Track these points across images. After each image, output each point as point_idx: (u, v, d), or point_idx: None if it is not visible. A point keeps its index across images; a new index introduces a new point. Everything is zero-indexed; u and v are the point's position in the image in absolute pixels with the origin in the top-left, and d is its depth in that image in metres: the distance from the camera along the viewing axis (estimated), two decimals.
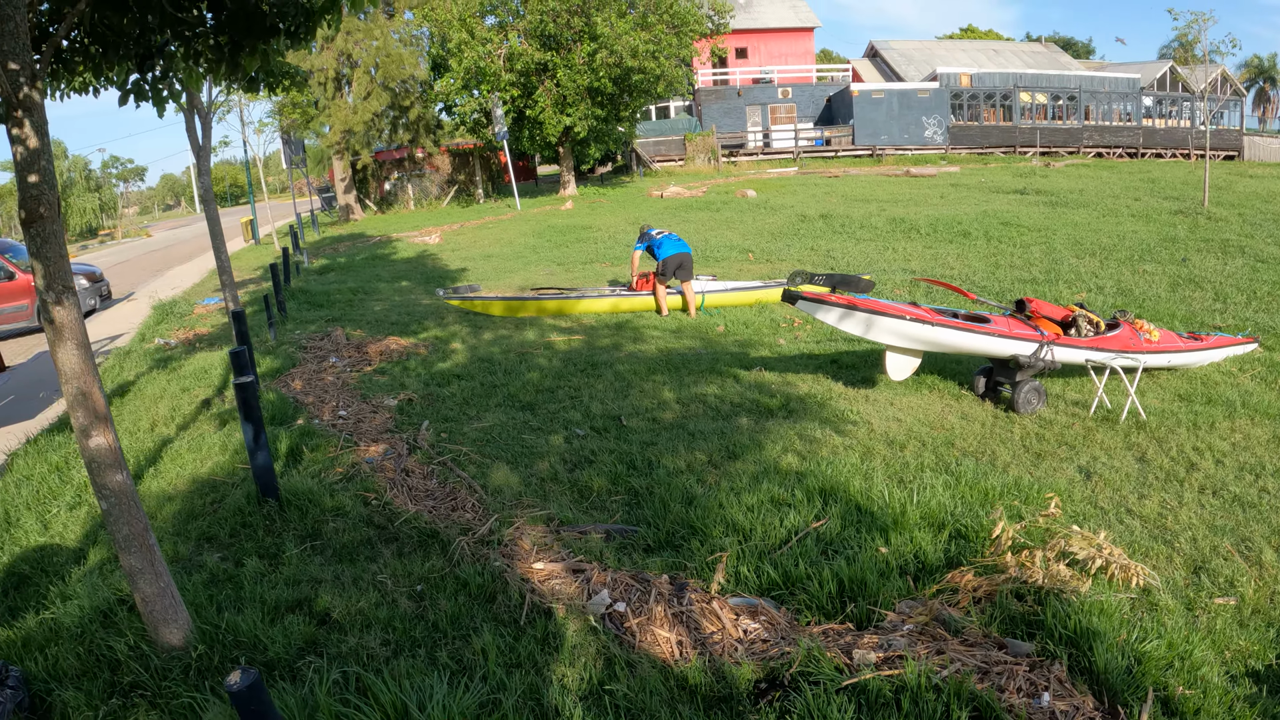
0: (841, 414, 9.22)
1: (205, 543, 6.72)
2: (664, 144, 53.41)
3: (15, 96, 4.30)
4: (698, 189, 38.36)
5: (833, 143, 54.10)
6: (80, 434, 4.62)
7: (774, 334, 13.38)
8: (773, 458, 7.78)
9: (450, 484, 7.44)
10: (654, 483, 7.19)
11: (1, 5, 4.19)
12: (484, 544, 6.09)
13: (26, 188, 4.40)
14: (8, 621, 5.92)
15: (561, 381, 10.81)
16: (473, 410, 9.86)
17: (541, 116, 39.85)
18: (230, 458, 8.58)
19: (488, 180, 49.73)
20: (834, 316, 9.50)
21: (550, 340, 13.34)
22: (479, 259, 25.23)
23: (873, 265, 18.57)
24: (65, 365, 4.53)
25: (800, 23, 65.71)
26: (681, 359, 11.60)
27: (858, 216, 26.19)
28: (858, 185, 37.14)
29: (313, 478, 7.55)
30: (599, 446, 8.29)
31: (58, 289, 4.47)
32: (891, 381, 10.07)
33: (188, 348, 15.39)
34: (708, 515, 6.31)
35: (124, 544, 4.77)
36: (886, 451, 8.14)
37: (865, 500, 6.45)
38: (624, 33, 37.57)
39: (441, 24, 41.50)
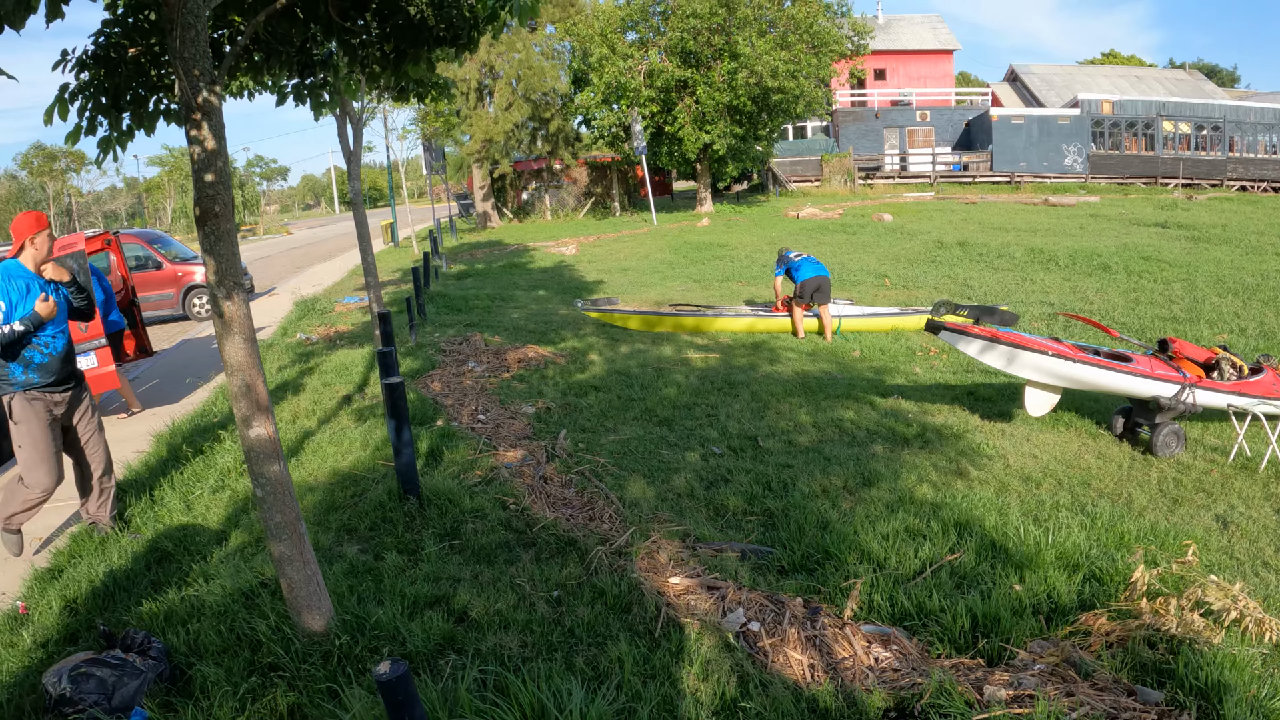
0: (977, 447, 9.09)
1: (345, 534, 6.90)
2: (800, 164, 53.27)
3: (195, 100, 4.45)
4: (834, 211, 38.14)
5: (970, 168, 53.26)
6: (242, 423, 4.76)
7: (910, 362, 13.24)
8: (908, 487, 7.71)
9: (588, 494, 7.52)
10: (789, 505, 7.17)
11: (184, 15, 4.35)
12: (620, 555, 6.14)
13: (203, 187, 4.55)
14: (151, 595, 6.14)
15: (698, 399, 10.83)
16: (610, 422, 9.94)
17: (681, 133, 40.04)
18: (371, 453, 8.78)
19: (624, 194, 50.03)
20: (976, 348, 9.39)
21: (687, 357, 13.39)
22: (615, 272, 25.42)
23: (1011, 296, 18.26)
24: (232, 357, 4.68)
25: (940, 45, 64.99)
26: (818, 382, 11.55)
27: (995, 245, 25.78)
28: (995, 212, 36.57)
29: (452, 479, 7.69)
30: (735, 466, 8.29)
31: (229, 285, 4.62)
32: (1029, 417, 9.90)
33: (328, 344, 15.77)
34: (843, 541, 6.27)
35: (275, 531, 4.91)
36: (1022, 488, 8.01)
37: (1000, 536, 6.35)
38: (764, 52, 37.60)
39: (583, 38, 42.03)
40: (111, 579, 6.57)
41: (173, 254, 24.23)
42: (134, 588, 6.43)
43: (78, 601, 6.30)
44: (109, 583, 6.53)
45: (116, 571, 6.70)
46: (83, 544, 7.50)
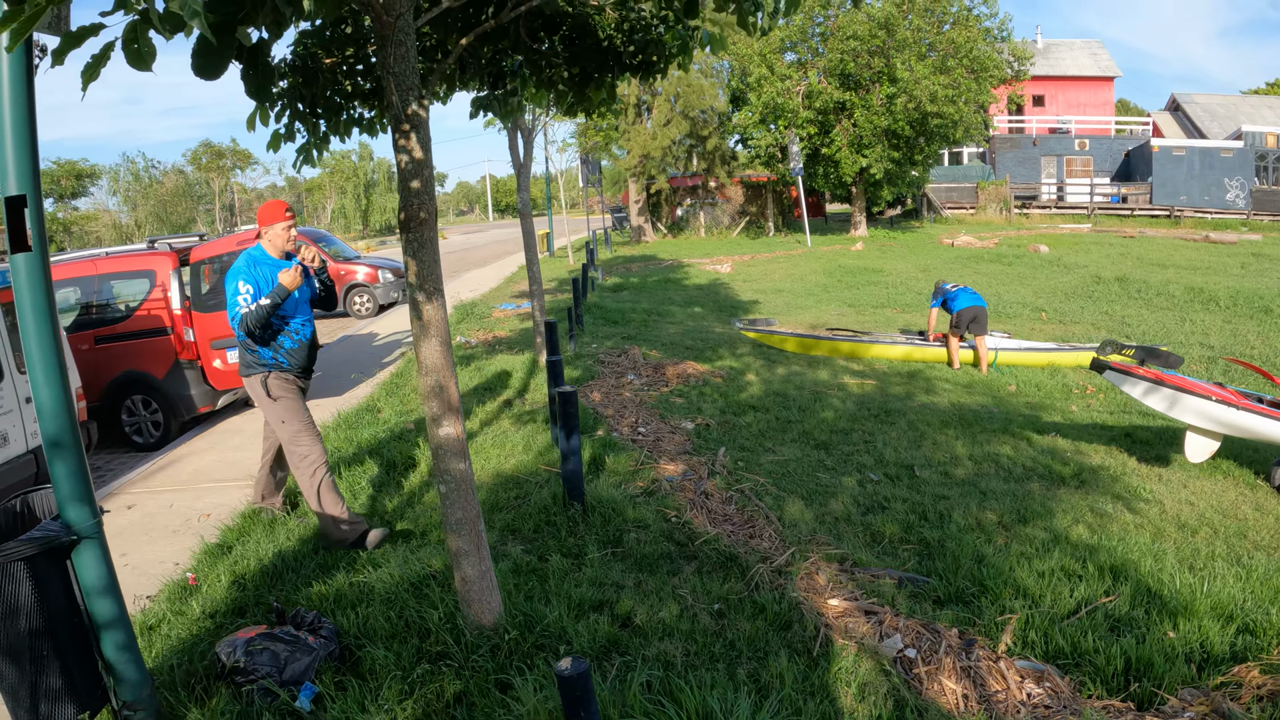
0: (1134, 490, 8.95)
1: (509, 534, 7.16)
2: (956, 190, 52.62)
3: (405, 112, 4.69)
4: (989, 240, 37.62)
5: (1129, 200, 51.71)
6: (432, 422, 4.98)
7: (1066, 399, 13.06)
8: (1063, 527, 7.66)
9: (747, 511, 7.64)
10: (945, 536, 7.18)
11: (396, 32, 4.59)
12: (780, 574, 6.24)
13: (409, 194, 4.78)
14: (320, 578, 6.47)
15: (855, 424, 10.88)
16: (768, 442, 10.05)
17: (838, 155, 39.94)
18: (534, 458, 9.03)
19: (778, 214, 50.00)
20: (1140, 390, 9.29)
21: (843, 382, 13.44)
22: (770, 292, 25.51)
23: (1169, 336, 17.81)
24: (427, 359, 4.90)
25: (1100, 71, 63.37)
26: (974, 415, 11.49)
27: (1154, 282, 25.13)
28: (1154, 247, 35.58)
29: (615, 488, 7.91)
30: (891, 493, 8.33)
31: (429, 288, 4.84)
32: (1186, 462, 9.71)
33: (487, 348, 16.17)
34: (998, 576, 6.28)
35: (455, 526, 5.12)
36: (1177, 535, 7.87)
37: (1155, 583, 6.29)
38: (923, 76, 37.36)
39: (742, 58, 42.23)
40: (279, 559, 6.95)
41: (336, 253, 25.15)
42: (301, 569, 6.79)
43: (246, 577, 6.67)
44: (277, 562, 6.90)
45: (285, 552, 7.08)
46: (252, 524, 7.92)
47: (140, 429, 12.57)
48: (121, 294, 12.79)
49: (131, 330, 12.46)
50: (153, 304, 12.39)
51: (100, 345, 12.44)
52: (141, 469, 10.91)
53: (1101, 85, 63.58)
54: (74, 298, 12.71)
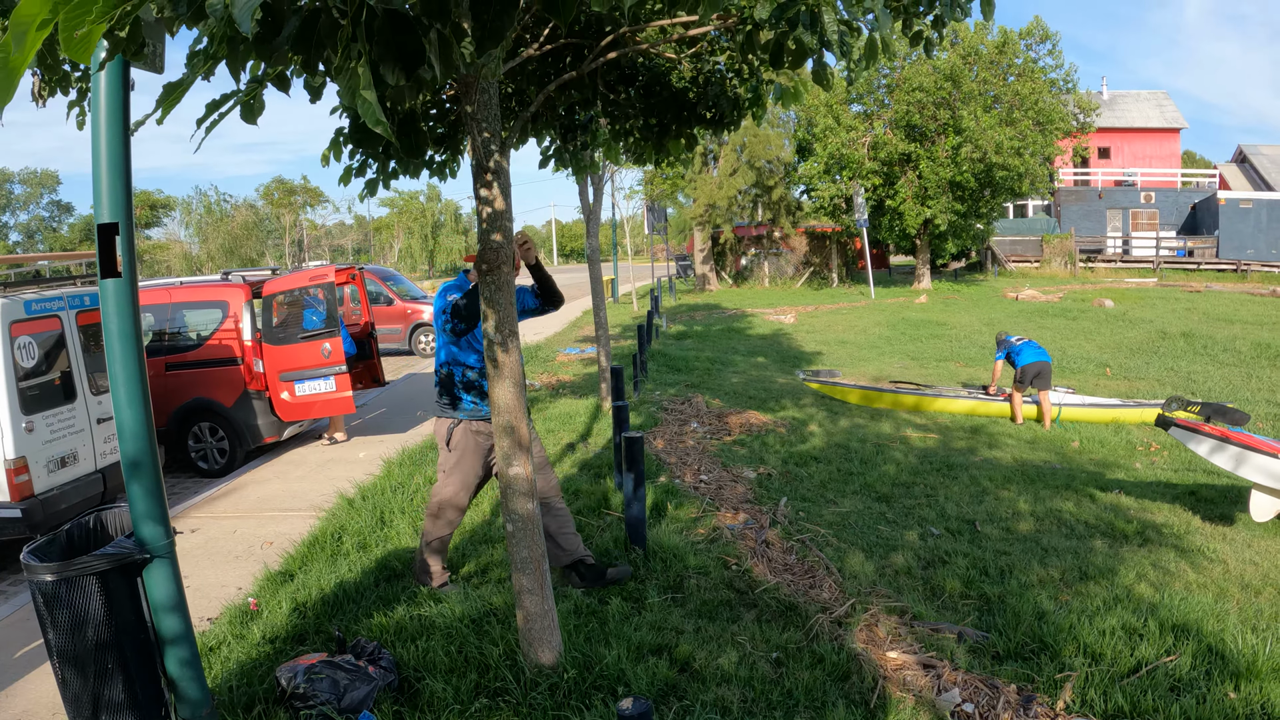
0: (1198, 549, 8.85)
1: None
2: (1020, 243, 52.33)
3: (487, 163, 4.82)
4: (1054, 294, 37.33)
5: (1195, 254, 50.97)
6: (503, 460, 5.10)
7: (1130, 456, 12.94)
8: (1125, 585, 7.61)
9: (808, 562, 7.68)
10: (1006, 592, 7.17)
11: (480, 81, 4.72)
12: (839, 625, 6.28)
13: (489, 243, 4.92)
14: (381, 609, 6.60)
15: (917, 478, 10.87)
16: (829, 493, 10.09)
17: (902, 207, 39.93)
18: (596, 503, 9.14)
19: (842, 265, 49.97)
20: (1205, 448, 9.21)
21: (906, 435, 13.43)
22: (833, 344, 25.52)
23: (1236, 394, 17.57)
24: (500, 399, 5.02)
25: (1166, 123, 62.85)
26: (1037, 471, 11.43)
27: (1221, 338, 24.82)
28: (1221, 302, 35.13)
29: (676, 534, 7.99)
30: (952, 548, 8.32)
31: (504, 333, 4.97)
32: (1251, 521, 9.58)
33: (551, 392, 16.32)
34: (1059, 633, 6.26)
35: (520, 565, 5.22)
36: (1240, 595, 7.76)
37: (1217, 643, 6.23)
38: (989, 127, 37.30)
39: (809, 109, 42.39)
40: (341, 589, 7.09)
41: (403, 291, 25.51)
42: (362, 600, 6.92)
43: (307, 605, 6.83)
44: (338, 592, 7.04)
45: (346, 582, 7.22)
46: (315, 552, 8.12)
47: (206, 455, 12.86)
48: (194, 323, 13.17)
49: (202, 359, 12.81)
50: (224, 334, 12.72)
51: (171, 372, 12.79)
52: (206, 494, 11.21)
53: (1167, 137, 63.11)
54: (148, 324, 13.05)
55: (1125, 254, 52.96)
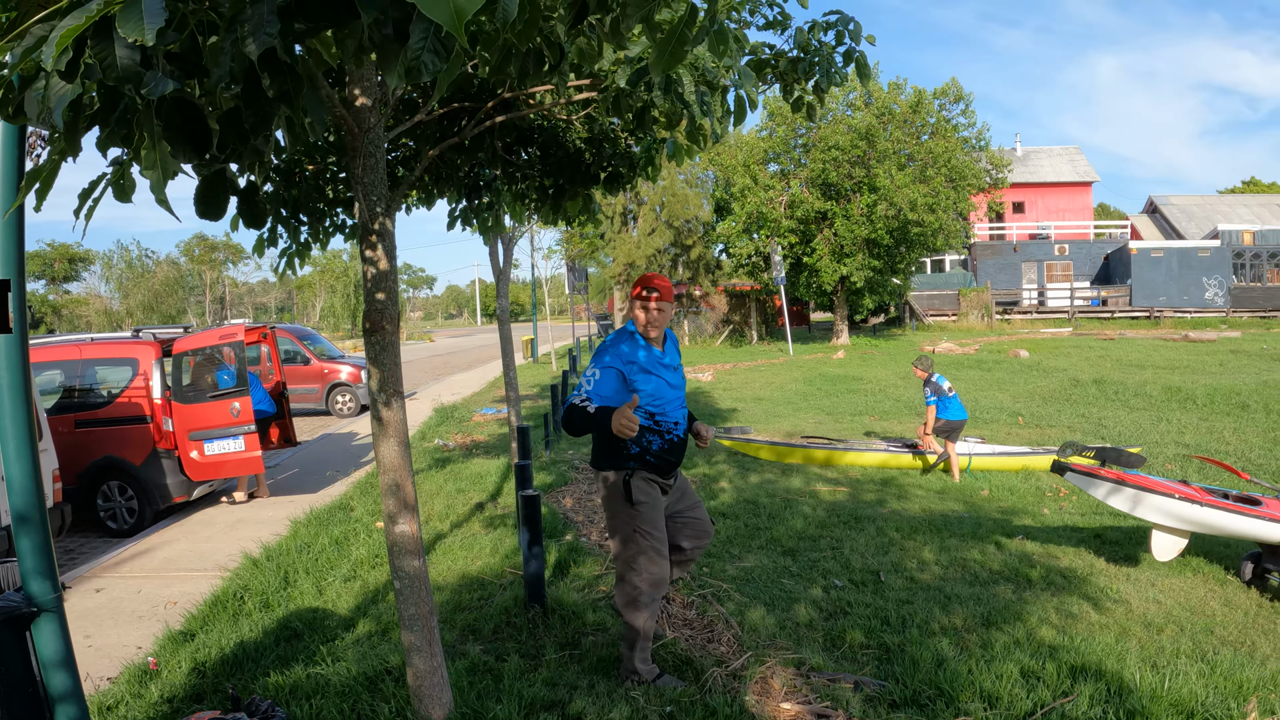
0: (1101, 590, 8.98)
1: (469, 634, 7.27)
2: (937, 298, 53.20)
3: (371, 224, 4.86)
4: (970, 346, 37.91)
5: (1109, 303, 52.51)
6: (388, 519, 5.10)
7: (1038, 502, 13.13)
8: (1027, 629, 7.70)
9: (708, 617, 7.69)
10: (906, 640, 7.22)
11: (366, 144, 4.77)
12: (735, 678, 6.30)
13: (374, 303, 4.95)
14: (278, 668, 6.61)
15: (824, 531, 10.92)
16: (735, 549, 10.10)
17: (819, 264, 40.41)
18: (500, 560, 9.16)
19: (761, 323, 50.40)
20: (1103, 491, 9.38)
21: (816, 489, 13.48)
22: (750, 400, 25.67)
23: (1145, 437, 17.92)
24: (385, 458, 5.04)
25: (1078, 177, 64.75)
26: (944, 520, 11.54)
27: (1132, 383, 25.34)
28: (1133, 349, 35.93)
29: (577, 591, 8.01)
30: (855, 599, 8.36)
31: (389, 391, 4.99)
32: (1155, 561, 9.75)
33: (465, 452, 16.31)
34: (956, 679, 6.32)
35: (409, 622, 5.21)
36: (1143, 634, 7.89)
37: (1115, 682, 6.33)
38: (903, 185, 37.98)
39: (727, 168, 42.98)
40: (241, 649, 7.10)
41: (321, 351, 25.39)
42: (262, 659, 6.92)
43: (206, 665, 6.84)
44: (238, 652, 7.05)
45: (247, 643, 7.22)
46: (217, 612, 8.14)
47: (115, 515, 12.68)
48: (104, 380, 13.03)
49: (112, 416, 12.67)
50: (134, 392, 12.59)
51: (80, 429, 12.64)
52: (113, 554, 11.03)
53: (1080, 190, 64.92)
54: (57, 381, 13.00)
55: (1041, 305, 54.14)
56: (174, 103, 2.85)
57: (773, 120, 42.51)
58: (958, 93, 42.37)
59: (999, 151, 53.81)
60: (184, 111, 2.88)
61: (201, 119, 2.91)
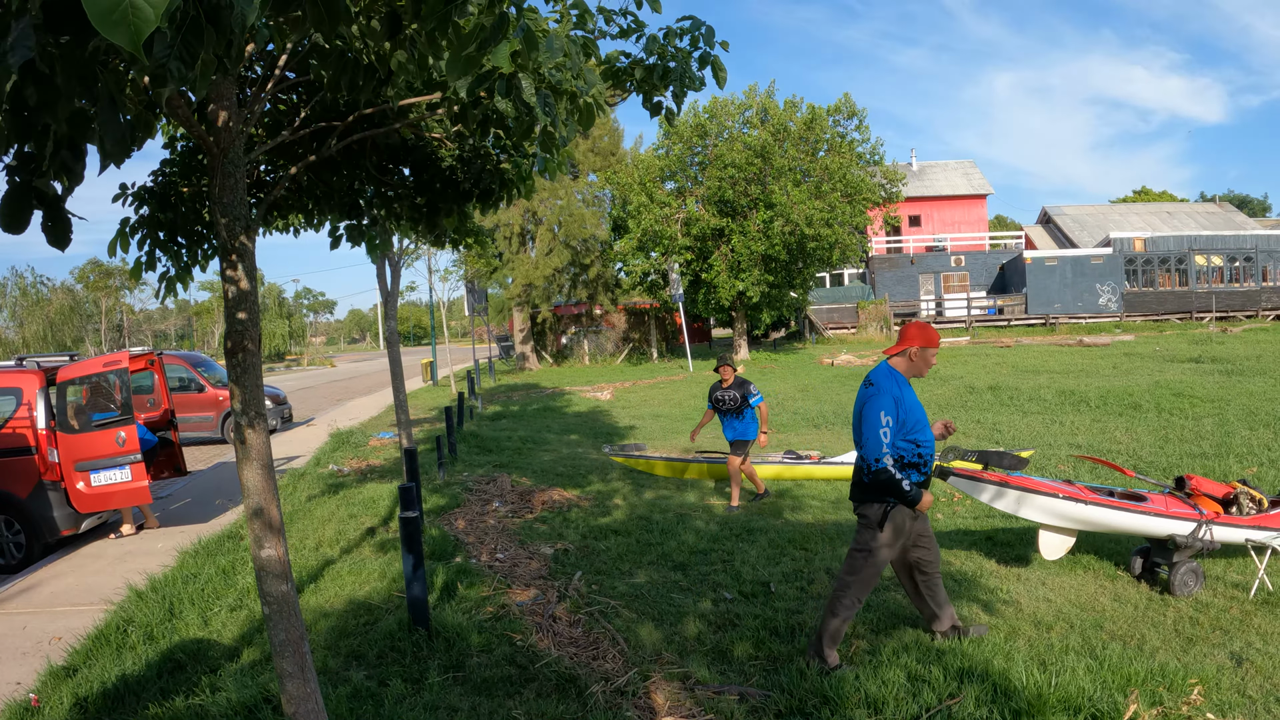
0: (992, 592, 9.08)
1: (353, 660, 7.18)
2: (837, 311, 53.83)
3: (231, 243, 4.77)
4: (869, 357, 38.37)
5: (1005, 311, 53.67)
6: (254, 543, 5.00)
7: (933, 509, 13.25)
8: (916, 632, 7.75)
9: (595, 634, 7.66)
10: (795, 650, 7.24)
11: (225, 164, 4.70)
12: (619, 694, 6.27)
13: (234, 323, 4.85)
14: (159, 701, 6.52)
15: (716, 544, 10.90)
16: (626, 565, 10.07)
17: (716, 280, 40.65)
18: (388, 585, 9.06)
19: (662, 340, 50.57)
20: (988, 495, 9.48)
21: (710, 503, 13.51)
22: (648, 418, 25.74)
23: (1038, 439, 18.21)
24: (249, 482, 4.93)
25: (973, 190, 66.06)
26: (837, 529, 11.59)
27: (1027, 388, 25.80)
28: (1030, 355, 36.69)
29: (464, 614, 7.92)
30: (745, 611, 8.35)
31: (251, 414, 4.90)
32: (1045, 560, 9.87)
33: (359, 476, 16.11)
34: (843, 685, 6.34)
35: (279, 648, 5.10)
36: (1032, 632, 7.97)
37: (1003, 681, 6.39)
38: (799, 201, 38.38)
39: (623, 187, 43.11)
40: (124, 682, 6.97)
41: (215, 378, 24.96)
42: (144, 693, 6.82)
43: (89, 700, 6.70)
44: (120, 686, 6.92)
45: (129, 676, 7.09)
46: (101, 647, 7.97)
47: (2, 549, 12.33)
48: None
49: None
50: (18, 422, 12.22)
51: None
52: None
53: (975, 203, 66.15)
54: None
55: (939, 315, 55.07)
56: None
57: (669, 139, 42.76)
58: (851, 109, 43.03)
59: (894, 166, 54.78)
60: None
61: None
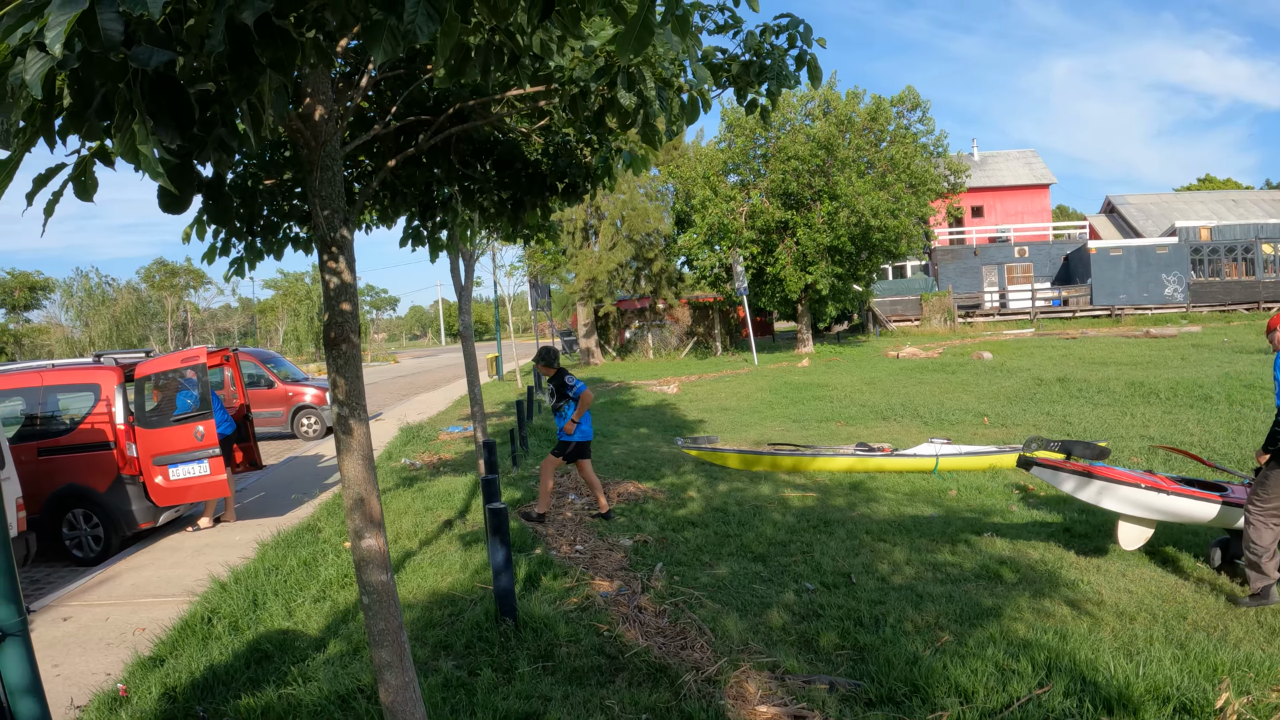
0: (1072, 583, 8.98)
1: (441, 650, 7.23)
2: (900, 303, 53.40)
3: (331, 236, 4.82)
4: (933, 350, 38.08)
5: (1070, 303, 52.80)
6: (354, 535, 5.05)
7: (1007, 500, 13.13)
8: (1000, 624, 7.70)
9: (681, 624, 7.68)
10: (880, 640, 7.22)
11: (323, 158, 4.75)
12: (710, 683, 6.28)
13: (336, 314, 4.90)
14: (249, 690, 6.57)
15: (794, 536, 10.91)
16: (706, 557, 10.10)
17: (783, 274, 40.45)
18: (470, 577, 9.11)
19: (725, 334, 50.44)
20: (1069, 484, 9.40)
21: (784, 496, 13.48)
22: (715, 411, 25.71)
23: (1110, 431, 18.00)
24: (350, 473, 4.98)
25: (1036, 179, 65.12)
26: (914, 521, 11.55)
27: (1095, 380, 25.48)
28: (1095, 347, 36.16)
29: (549, 604, 7.96)
30: (828, 602, 8.36)
31: (352, 405, 4.94)
32: (1124, 551, 9.77)
33: (432, 470, 16.23)
34: (931, 675, 6.33)
35: (378, 638, 5.15)
36: (1115, 623, 7.89)
37: (1090, 671, 6.34)
38: (864, 192, 38.07)
39: (686, 181, 42.96)
40: (211, 672, 7.05)
41: (284, 374, 25.20)
42: (232, 683, 6.88)
43: (177, 690, 6.77)
44: (209, 676, 7.00)
45: (217, 666, 7.18)
46: (187, 637, 8.06)
47: (81, 543, 12.51)
48: (66, 407, 12.89)
49: (75, 443, 12.49)
50: (97, 418, 12.43)
51: (43, 457, 12.46)
52: (80, 583, 10.95)
53: (1038, 193, 65.28)
54: (18, 409, 12.80)
55: (1002, 307, 54.38)
56: (156, 80, 2.80)
57: (731, 132, 42.60)
58: (915, 100, 42.62)
59: (957, 157, 54.20)
60: (167, 88, 2.84)
61: (184, 95, 2.87)
